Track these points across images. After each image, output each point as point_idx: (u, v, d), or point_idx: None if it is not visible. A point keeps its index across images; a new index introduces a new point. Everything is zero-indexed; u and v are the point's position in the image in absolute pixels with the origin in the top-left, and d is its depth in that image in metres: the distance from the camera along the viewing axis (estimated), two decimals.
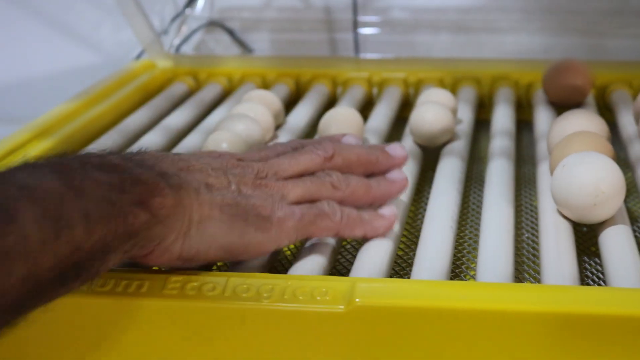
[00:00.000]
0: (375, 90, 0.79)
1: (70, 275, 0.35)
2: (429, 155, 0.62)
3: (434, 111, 0.61)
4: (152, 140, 0.64)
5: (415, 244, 0.48)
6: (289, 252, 0.52)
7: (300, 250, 0.47)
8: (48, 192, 0.34)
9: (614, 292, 0.40)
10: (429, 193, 0.54)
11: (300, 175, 0.47)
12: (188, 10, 0.93)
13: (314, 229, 0.45)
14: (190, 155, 0.45)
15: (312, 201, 0.45)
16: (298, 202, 0.45)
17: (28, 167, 0.36)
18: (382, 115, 0.70)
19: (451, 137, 0.62)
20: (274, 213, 0.43)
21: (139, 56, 0.88)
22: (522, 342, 0.38)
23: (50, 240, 0.33)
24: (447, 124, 0.61)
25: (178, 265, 0.41)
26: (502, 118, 0.68)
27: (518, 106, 0.74)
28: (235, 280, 0.41)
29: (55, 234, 0.33)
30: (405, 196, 0.53)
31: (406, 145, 0.61)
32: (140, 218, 0.37)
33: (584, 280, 0.48)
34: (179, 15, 0.92)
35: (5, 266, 0.31)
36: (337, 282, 0.40)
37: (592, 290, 0.41)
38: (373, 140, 0.63)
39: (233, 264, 0.45)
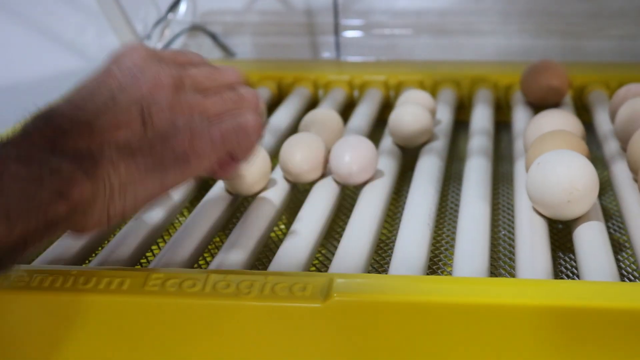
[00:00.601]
0: (356, 93, 0.80)
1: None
2: (408, 156, 0.62)
3: (413, 112, 0.62)
4: None
5: (393, 241, 0.49)
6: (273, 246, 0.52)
7: (279, 247, 0.48)
8: None
9: (586, 285, 0.41)
10: (407, 193, 0.55)
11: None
12: (170, 15, 0.94)
13: (234, 147, 0.44)
14: (97, 101, 0.41)
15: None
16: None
17: None
18: (362, 115, 0.70)
19: (430, 138, 0.63)
20: (192, 146, 0.42)
21: None
22: (497, 335, 0.38)
23: None
24: (426, 125, 0.61)
25: (107, 226, 0.41)
26: (481, 118, 0.69)
27: (497, 107, 0.75)
28: (215, 276, 0.41)
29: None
30: (384, 194, 0.54)
31: (386, 146, 0.62)
32: (60, 209, 0.38)
33: (558, 275, 0.49)
34: (161, 20, 0.93)
35: None
36: (315, 278, 0.41)
37: (564, 284, 0.42)
38: None
39: None
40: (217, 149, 0.43)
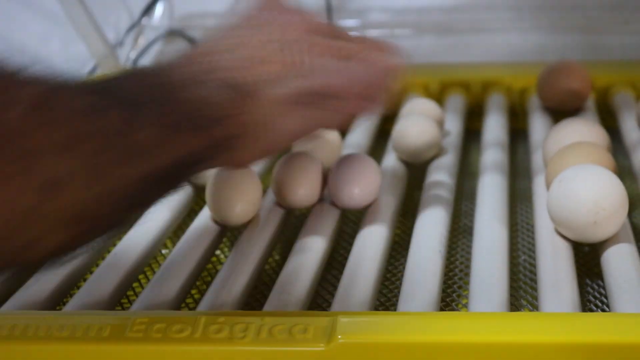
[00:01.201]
0: None
1: (168, 179, 0.41)
2: (415, 173, 0.63)
3: (419, 124, 0.62)
4: None
5: (402, 271, 0.49)
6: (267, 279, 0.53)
7: (276, 282, 0.48)
8: (156, 102, 0.40)
9: (617, 319, 0.41)
10: (415, 215, 0.55)
11: None
12: (145, 20, 0.94)
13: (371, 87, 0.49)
14: (240, 38, 0.48)
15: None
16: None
17: (133, 81, 0.41)
18: (362, 128, 0.71)
19: (438, 152, 0.63)
20: (339, 84, 0.48)
21: (92, 72, 0.89)
22: None
23: (160, 146, 0.39)
24: (433, 138, 0.62)
25: (260, 159, 0.49)
26: (494, 128, 0.69)
27: (511, 114, 0.75)
28: (206, 319, 0.42)
29: (162, 141, 0.39)
30: (389, 218, 0.54)
31: (389, 162, 0.63)
32: (223, 131, 0.43)
33: (585, 305, 0.49)
34: (135, 25, 0.93)
35: (132, 160, 0.38)
36: (317, 318, 0.41)
37: (593, 317, 0.42)
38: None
39: None
40: (354, 89, 0.48)
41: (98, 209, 0.37)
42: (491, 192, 0.57)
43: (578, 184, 0.48)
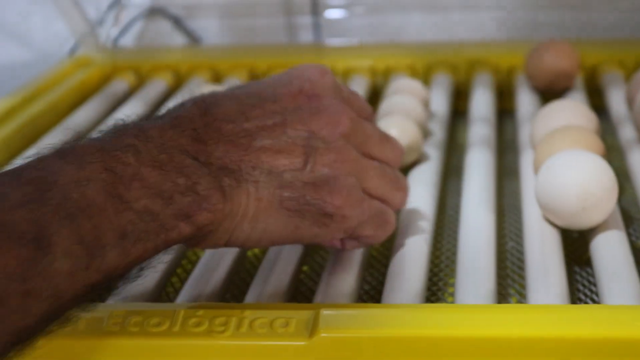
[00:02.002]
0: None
1: (92, 296, 0.36)
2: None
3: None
4: None
5: (386, 258, 0.48)
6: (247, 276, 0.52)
7: (256, 273, 0.47)
8: (89, 207, 0.34)
9: (605, 311, 0.40)
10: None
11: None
12: None
13: (370, 235, 0.45)
14: (263, 117, 0.42)
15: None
16: (369, 193, 0.44)
17: (77, 157, 0.36)
18: None
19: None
20: (340, 210, 0.42)
21: (72, 50, 0.87)
22: None
23: (80, 271, 0.34)
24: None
25: (230, 246, 0.42)
26: (481, 107, 0.68)
27: (499, 93, 0.74)
28: (185, 312, 0.41)
29: (86, 264, 0.34)
30: None
31: None
32: (183, 233, 0.38)
33: (574, 293, 0.48)
34: (116, 3, 0.92)
35: (28, 305, 0.32)
36: (299, 311, 0.40)
37: (580, 310, 0.41)
38: None
39: None
40: (360, 223, 0.43)
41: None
42: (478, 173, 0.56)
43: (566, 170, 0.47)
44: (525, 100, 0.70)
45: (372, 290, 0.50)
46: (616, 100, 0.68)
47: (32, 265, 0.32)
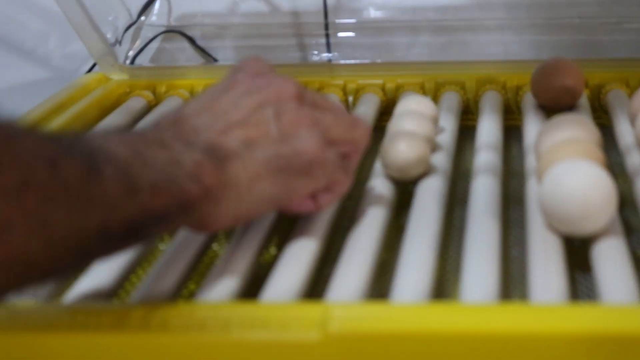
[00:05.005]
0: (350, 99, 0.81)
1: (131, 234, 0.41)
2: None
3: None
4: None
5: (393, 263, 0.50)
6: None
7: (270, 274, 0.49)
8: (121, 158, 0.40)
9: (602, 310, 0.42)
10: (409, 211, 0.56)
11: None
12: (143, 18, 0.95)
13: (343, 180, 0.52)
14: (224, 103, 0.49)
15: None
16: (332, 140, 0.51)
17: (100, 135, 0.43)
18: None
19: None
20: (316, 155, 0.49)
21: (91, 70, 0.90)
22: None
23: (124, 199, 0.39)
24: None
25: (229, 226, 0.48)
26: (489, 127, 0.70)
27: (506, 111, 0.76)
28: (199, 308, 0.42)
29: (128, 194, 0.40)
30: (383, 211, 0.55)
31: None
32: (195, 192, 0.43)
33: (576, 297, 0.50)
34: (133, 24, 0.94)
35: (88, 212, 0.38)
36: (309, 308, 0.42)
37: (579, 308, 0.43)
38: None
39: None
40: (331, 172, 0.50)
41: (41, 256, 0.37)
42: (484, 194, 0.57)
43: (568, 179, 0.49)
44: (532, 119, 0.71)
45: (378, 294, 0.52)
46: (621, 119, 0.70)
47: (86, 180, 0.37)
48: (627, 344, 0.39)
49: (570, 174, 0.50)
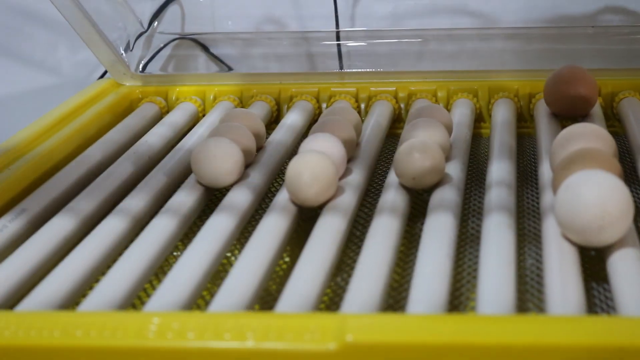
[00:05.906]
0: (363, 106, 0.81)
1: None
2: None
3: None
4: (124, 167, 0.67)
5: (409, 274, 0.50)
6: (274, 287, 0.53)
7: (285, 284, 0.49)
8: None
9: (620, 321, 0.42)
10: (422, 222, 0.56)
11: None
12: (155, 26, 0.95)
13: None
14: None
15: None
16: None
17: None
18: (371, 131, 0.72)
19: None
20: None
21: (102, 76, 0.90)
22: None
23: None
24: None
25: None
26: (501, 137, 0.70)
27: (519, 119, 0.76)
28: (217, 317, 0.42)
29: None
30: (397, 221, 0.55)
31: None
32: None
33: (592, 309, 0.50)
34: (144, 32, 0.94)
35: None
36: (325, 318, 0.42)
37: (596, 320, 0.43)
38: (359, 171, 0.65)
39: None
40: None
41: None
42: (498, 203, 0.57)
43: (584, 189, 0.49)
44: (544, 128, 0.71)
45: (395, 305, 0.52)
46: (635, 127, 0.70)
47: None
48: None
49: (586, 184, 0.49)
